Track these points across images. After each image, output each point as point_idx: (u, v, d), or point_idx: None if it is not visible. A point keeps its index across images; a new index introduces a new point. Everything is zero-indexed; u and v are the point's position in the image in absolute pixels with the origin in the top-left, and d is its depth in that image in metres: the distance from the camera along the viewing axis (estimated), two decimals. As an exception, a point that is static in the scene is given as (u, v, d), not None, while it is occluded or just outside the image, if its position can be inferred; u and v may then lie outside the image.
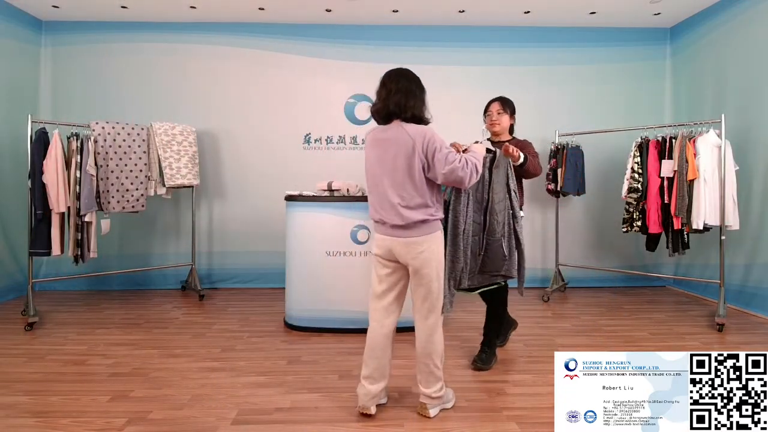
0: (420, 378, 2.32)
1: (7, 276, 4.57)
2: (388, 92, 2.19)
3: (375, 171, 2.24)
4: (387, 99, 2.19)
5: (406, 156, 2.14)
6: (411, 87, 2.20)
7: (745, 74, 4.31)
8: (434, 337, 2.27)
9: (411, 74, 2.25)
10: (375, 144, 2.25)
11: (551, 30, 5.26)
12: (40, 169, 3.75)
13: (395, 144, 2.16)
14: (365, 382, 2.32)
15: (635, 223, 4.25)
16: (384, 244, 2.26)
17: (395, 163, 2.16)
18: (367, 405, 2.30)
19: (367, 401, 2.30)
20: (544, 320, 4.00)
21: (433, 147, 2.13)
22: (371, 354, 2.31)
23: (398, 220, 2.17)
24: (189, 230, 4.99)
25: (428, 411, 2.30)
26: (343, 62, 5.22)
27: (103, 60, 5.10)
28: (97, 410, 2.37)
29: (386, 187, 2.19)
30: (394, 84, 2.20)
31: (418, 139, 2.13)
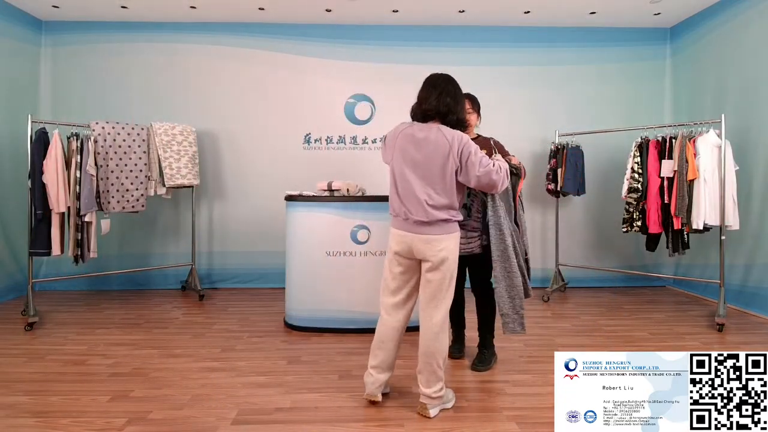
0: (421, 378, 2.32)
1: (7, 276, 4.57)
2: (440, 93, 2.27)
3: (405, 167, 2.28)
4: (438, 99, 2.26)
5: (442, 156, 2.22)
6: (458, 93, 2.33)
7: (745, 74, 4.31)
8: (440, 337, 2.30)
9: (456, 82, 2.36)
10: (409, 141, 2.29)
11: (551, 30, 5.26)
12: (40, 169, 3.75)
13: (433, 144, 2.23)
14: (373, 371, 2.40)
15: (635, 223, 4.25)
16: (404, 240, 2.30)
17: (429, 162, 2.23)
18: (374, 392, 2.39)
19: (374, 389, 2.39)
20: (544, 320, 4.00)
21: (468, 151, 2.23)
22: (380, 345, 2.39)
23: (423, 216, 2.23)
24: (189, 230, 4.99)
25: (428, 411, 2.30)
26: (343, 62, 5.22)
27: (103, 60, 5.10)
28: (97, 410, 2.37)
29: (415, 183, 2.25)
30: (444, 86, 2.29)
31: (455, 142, 2.22)
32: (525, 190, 5.23)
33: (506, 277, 2.56)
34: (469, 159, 2.22)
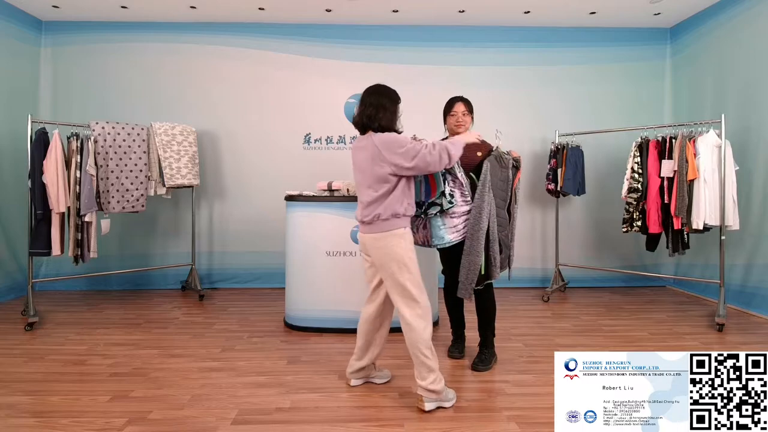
0: (415, 371, 2.40)
1: (7, 276, 4.57)
2: (362, 107, 2.47)
3: (355, 175, 2.52)
4: (361, 113, 2.46)
5: (373, 160, 2.37)
6: (382, 101, 2.46)
7: (745, 74, 4.31)
8: (413, 327, 2.36)
9: (384, 89, 2.53)
10: (354, 152, 2.54)
11: (551, 30, 5.26)
12: (40, 169, 3.75)
13: (367, 151, 2.40)
14: (353, 356, 2.66)
15: (635, 223, 4.25)
16: (361, 239, 2.51)
17: (366, 166, 2.41)
18: (348, 376, 2.67)
19: (348, 373, 2.67)
20: (544, 320, 4.00)
21: (394, 147, 2.34)
22: (358, 331, 2.63)
23: (363, 216, 2.43)
24: (189, 230, 4.99)
25: (424, 404, 2.34)
26: (343, 62, 5.22)
27: (103, 60, 5.11)
28: (97, 410, 2.37)
29: (360, 187, 2.47)
30: (368, 99, 2.47)
31: (383, 145, 2.35)
32: (525, 190, 5.25)
33: (468, 253, 2.69)
34: (397, 154, 2.32)
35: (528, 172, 5.23)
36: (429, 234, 2.67)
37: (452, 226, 2.66)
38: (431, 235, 2.67)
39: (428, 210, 2.62)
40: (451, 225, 2.66)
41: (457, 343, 3.17)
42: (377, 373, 2.70)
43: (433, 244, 2.68)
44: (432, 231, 2.66)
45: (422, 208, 2.62)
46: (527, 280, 5.26)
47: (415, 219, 2.67)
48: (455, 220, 2.66)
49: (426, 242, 2.71)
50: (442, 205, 2.59)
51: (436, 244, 2.67)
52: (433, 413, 2.35)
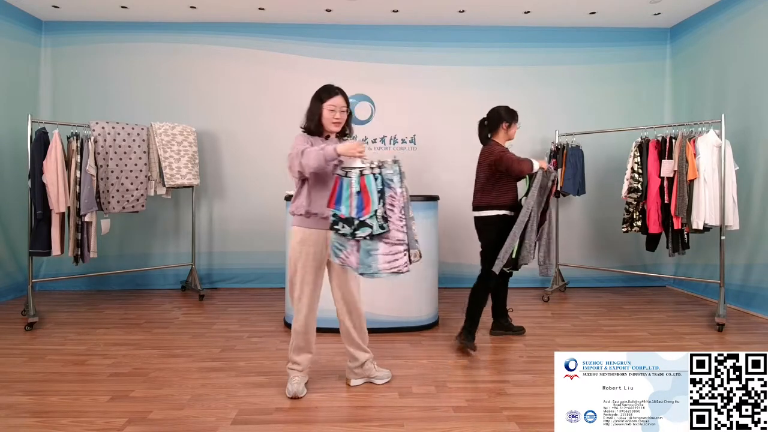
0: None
1: (7, 276, 4.57)
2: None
3: None
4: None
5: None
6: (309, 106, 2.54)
7: (745, 74, 4.31)
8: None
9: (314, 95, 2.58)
10: None
11: (551, 30, 5.27)
12: (40, 169, 3.75)
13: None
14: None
15: (635, 223, 4.25)
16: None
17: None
18: (348, 376, 2.72)
19: (348, 373, 2.72)
20: (544, 320, 4.00)
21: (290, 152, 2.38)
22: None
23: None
24: (189, 230, 4.99)
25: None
26: (343, 62, 5.22)
27: (103, 60, 5.11)
28: (97, 410, 2.37)
29: None
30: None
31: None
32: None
33: (510, 237, 3.08)
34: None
35: (528, 172, 5.23)
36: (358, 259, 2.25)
37: (386, 253, 2.21)
38: (359, 260, 2.23)
39: (357, 231, 2.19)
40: (385, 252, 2.21)
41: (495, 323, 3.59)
42: (377, 373, 2.70)
43: (360, 272, 2.25)
44: (360, 255, 2.22)
45: (352, 226, 2.20)
46: (527, 280, 5.25)
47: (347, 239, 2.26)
48: (391, 247, 2.21)
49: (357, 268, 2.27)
50: (372, 228, 2.19)
51: (362, 272, 2.24)
52: (434, 413, 2.35)
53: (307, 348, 2.58)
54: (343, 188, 2.23)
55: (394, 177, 2.22)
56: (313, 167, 2.28)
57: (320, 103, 2.52)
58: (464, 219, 5.25)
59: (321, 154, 2.27)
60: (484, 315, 3.30)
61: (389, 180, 2.22)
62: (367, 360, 2.66)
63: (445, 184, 5.12)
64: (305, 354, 2.58)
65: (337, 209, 2.24)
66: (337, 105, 2.50)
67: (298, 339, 2.55)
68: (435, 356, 3.14)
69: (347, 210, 2.21)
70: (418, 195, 3.88)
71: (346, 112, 2.55)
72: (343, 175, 2.25)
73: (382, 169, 2.23)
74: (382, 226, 2.19)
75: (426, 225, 3.70)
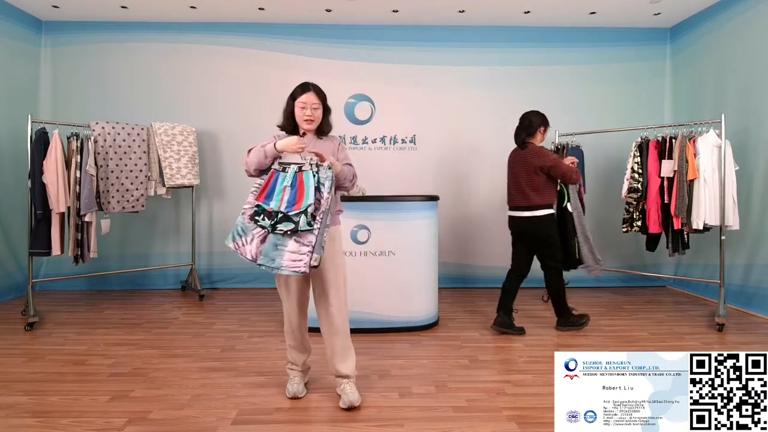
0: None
1: (7, 276, 4.57)
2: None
3: None
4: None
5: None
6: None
7: (745, 74, 4.31)
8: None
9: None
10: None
11: (551, 30, 5.26)
12: (40, 169, 3.75)
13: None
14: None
15: (635, 223, 4.25)
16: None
17: None
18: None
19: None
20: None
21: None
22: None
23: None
24: (189, 230, 4.99)
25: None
26: (343, 62, 5.22)
27: (103, 60, 5.11)
28: (97, 410, 2.37)
29: None
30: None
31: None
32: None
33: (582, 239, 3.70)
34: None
35: (528, 172, 5.24)
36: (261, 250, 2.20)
37: (293, 251, 2.16)
38: (262, 251, 2.19)
39: (278, 225, 2.16)
40: (293, 249, 2.16)
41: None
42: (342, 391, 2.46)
43: (260, 262, 2.19)
44: (265, 247, 2.19)
45: (273, 220, 2.17)
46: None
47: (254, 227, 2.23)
48: (302, 246, 2.17)
49: (255, 258, 2.21)
50: (297, 224, 2.15)
51: (262, 264, 2.18)
52: (434, 413, 2.35)
53: (301, 348, 2.55)
54: (278, 182, 2.24)
55: (326, 182, 2.23)
56: (254, 163, 2.31)
57: (292, 101, 2.51)
58: (464, 219, 5.27)
59: (261, 151, 2.29)
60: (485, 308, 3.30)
61: (322, 183, 2.23)
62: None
63: (445, 184, 5.13)
64: (300, 354, 2.56)
65: (265, 203, 2.22)
66: (307, 102, 2.46)
67: (288, 339, 2.54)
68: (435, 356, 3.14)
69: (276, 204, 2.19)
70: (418, 195, 3.89)
71: (320, 108, 2.50)
72: (280, 170, 2.27)
73: (320, 169, 2.24)
74: (310, 223, 2.17)
75: (426, 225, 3.70)
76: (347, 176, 2.39)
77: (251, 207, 2.26)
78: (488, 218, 5.27)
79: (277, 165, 2.28)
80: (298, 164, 2.25)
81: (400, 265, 3.59)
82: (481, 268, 5.26)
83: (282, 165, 2.28)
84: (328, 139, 2.54)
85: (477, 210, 5.28)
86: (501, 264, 5.28)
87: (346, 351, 2.46)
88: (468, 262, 5.28)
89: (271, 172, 2.28)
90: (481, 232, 5.28)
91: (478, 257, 5.28)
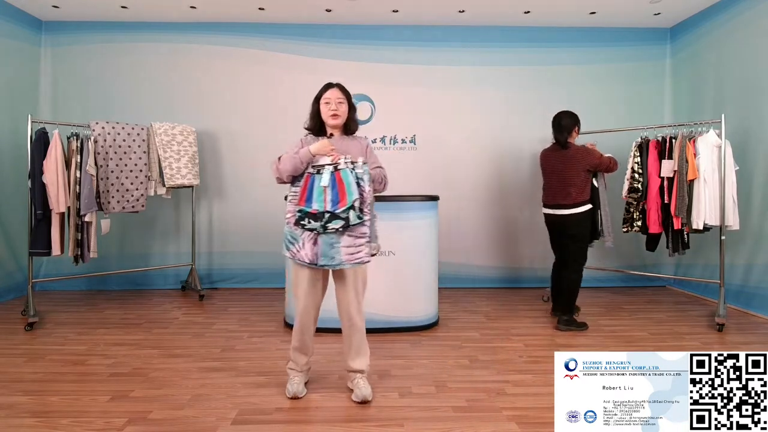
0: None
1: (7, 276, 4.57)
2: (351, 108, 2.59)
3: None
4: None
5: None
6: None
7: (745, 74, 4.31)
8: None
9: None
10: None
11: (551, 30, 5.26)
12: (40, 169, 3.75)
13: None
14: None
15: (635, 223, 4.25)
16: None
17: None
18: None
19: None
20: (544, 320, 4.00)
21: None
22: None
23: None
24: (189, 230, 4.99)
25: None
26: (343, 62, 5.22)
27: (103, 60, 5.11)
28: (97, 410, 2.37)
29: None
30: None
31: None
32: (525, 191, 5.25)
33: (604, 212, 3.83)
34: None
35: (528, 172, 5.24)
36: (319, 251, 2.31)
37: (347, 245, 2.31)
38: (321, 252, 2.31)
39: (329, 224, 2.25)
40: (349, 244, 2.31)
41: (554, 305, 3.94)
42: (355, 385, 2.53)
43: (321, 263, 2.32)
44: (322, 248, 2.30)
45: (322, 220, 2.26)
46: (527, 280, 5.26)
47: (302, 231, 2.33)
48: (351, 239, 2.31)
49: (314, 260, 2.33)
50: (348, 220, 2.26)
51: (324, 264, 2.31)
52: (434, 413, 2.35)
53: (305, 349, 2.57)
54: (315, 185, 2.32)
55: (364, 176, 2.33)
56: (289, 170, 2.39)
57: (317, 102, 2.56)
58: (464, 219, 5.27)
59: (296, 158, 2.37)
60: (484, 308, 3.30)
61: (360, 178, 2.32)
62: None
63: (445, 184, 5.12)
64: (303, 355, 2.58)
65: (307, 206, 2.30)
66: (331, 97, 2.51)
67: (294, 340, 2.56)
68: (435, 356, 3.14)
69: (320, 205, 2.28)
70: (417, 195, 3.88)
71: (345, 103, 2.55)
72: (315, 173, 2.34)
73: (355, 166, 2.34)
74: (360, 216, 2.29)
75: (426, 225, 3.70)
76: (377, 179, 2.47)
77: (293, 214, 2.36)
78: (489, 218, 5.27)
79: (310, 168, 2.37)
80: (332, 164, 2.33)
81: (400, 265, 3.59)
82: (481, 268, 5.27)
83: (315, 168, 2.35)
84: (355, 139, 2.60)
85: (477, 210, 5.28)
86: (501, 264, 5.30)
87: (362, 347, 2.53)
88: (468, 262, 5.28)
89: (305, 176, 2.36)
90: (481, 232, 5.28)
91: (478, 257, 5.28)
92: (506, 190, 5.29)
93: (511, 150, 5.27)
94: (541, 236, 5.28)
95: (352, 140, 2.57)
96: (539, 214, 5.28)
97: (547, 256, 5.22)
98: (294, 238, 2.37)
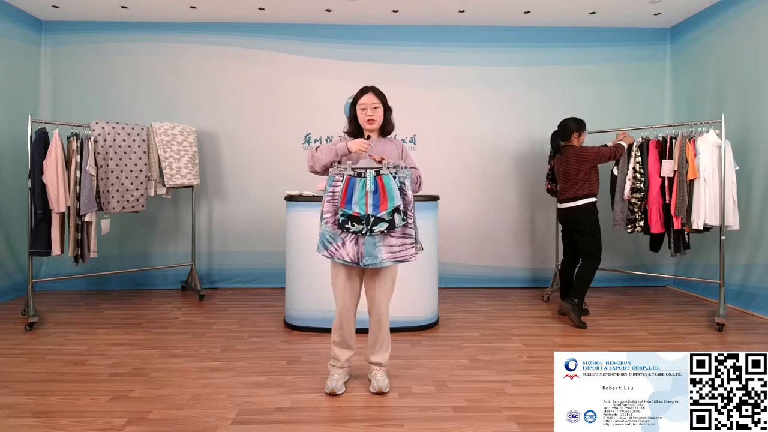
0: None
1: (7, 276, 4.57)
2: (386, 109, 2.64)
3: None
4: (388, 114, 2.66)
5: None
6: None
7: (745, 74, 4.31)
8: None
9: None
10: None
11: (551, 30, 5.26)
12: (40, 169, 3.75)
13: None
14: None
15: (638, 224, 4.25)
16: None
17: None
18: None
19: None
20: (544, 320, 4.00)
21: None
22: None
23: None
24: (189, 230, 4.99)
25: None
26: (343, 62, 5.22)
27: (103, 60, 5.11)
28: (97, 410, 2.37)
29: None
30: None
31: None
32: (525, 191, 5.25)
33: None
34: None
35: (528, 172, 5.24)
36: (362, 250, 2.39)
37: (390, 245, 2.40)
38: (364, 252, 2.38)
39: (374, 227, 2.33)
40: (389, 244, 2.40)
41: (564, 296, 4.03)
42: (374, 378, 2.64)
43: (365, 263, 2.38)
44: (366, 248, 2.38)
45: (367, 224, 2.34)
46: (527, 280, 5.26)
47: (342, 232, 2.40)
48: (393, 240, 2.40)
49: (356, 260, 2.41)
50: (393, 223, 2.34)
51: (368, 263, 2.38)
52: (434, 413, 2.36)
53: (345, 344, 2.59)
54: (356, 188, 2.38)
55: (406, 180, 2.44)
56: (326, 161, 2.50)
57: (354, 107, 2.64)
58: (464, 219, 5.27)
59: (333, 149, 2.49)
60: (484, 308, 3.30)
61: (402, 182, 2.42)
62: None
63: (445, 184, 5.12)
64: (344, 350, 2.60)
65: (348, 208, 2.36)
66: (367, 103, 2.60)
67: (334, 335, 2.59)
68: (435, 356, 3.14)
69: (362, 208, 2.35)
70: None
71: (380, 107, 2.61)
72: (355, 176, 2.41)
73: (398, 170, 2.43)
74: (404, 219, 2.39)
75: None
76: (413, 179, 2.55)
77: (333, 215, 2.43)
78: (488, 218, 5.27)
79: (350, 171, 2.43)
80: (374, 168, 2.42)
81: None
82: (482, 268, 5.26)
83: (356, 171, 2.42)
84: (391, 142, 2.67)
85: (477, 210, 5.28)
86: (501, 264, 5.30)
87: (385, 342, 2.61)
88: (468, 262, 5.28)
89: (345, 178, 2.42)
90: (481, 232, 5.28)
91: (479, 257, 5.28)
92: (507, 190, 5.29)
93: (511, 150, 5.27)
94: (542, 236, 5.30)
95: (388, 142, 2.65)
96: (540, 214, 5.31)
97: (547, 256, 5.24)
98: (333, 238, 2.43)
